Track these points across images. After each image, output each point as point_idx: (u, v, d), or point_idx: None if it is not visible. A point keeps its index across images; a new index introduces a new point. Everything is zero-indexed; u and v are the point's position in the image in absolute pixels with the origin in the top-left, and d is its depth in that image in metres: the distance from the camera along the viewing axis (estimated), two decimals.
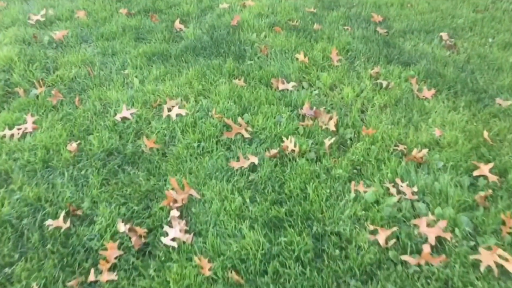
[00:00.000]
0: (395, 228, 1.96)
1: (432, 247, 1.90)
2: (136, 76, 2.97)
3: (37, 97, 2.73)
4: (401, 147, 2.45)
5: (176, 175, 2.23)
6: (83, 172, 2.21)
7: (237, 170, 2.26)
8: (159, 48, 3.26)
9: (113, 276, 1.76)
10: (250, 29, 3.59)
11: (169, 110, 2.65)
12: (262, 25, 3.64)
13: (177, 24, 3.62)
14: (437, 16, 3.85)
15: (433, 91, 2.88)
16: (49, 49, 3.26)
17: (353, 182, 2.19)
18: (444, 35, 3.55)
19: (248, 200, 2.09)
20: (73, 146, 2.33)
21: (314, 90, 2.92)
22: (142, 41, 3.40)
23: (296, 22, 3.69)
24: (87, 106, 2.68)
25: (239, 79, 2.97)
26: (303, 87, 2.96)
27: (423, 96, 2.87)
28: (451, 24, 3.74)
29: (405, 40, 3.51)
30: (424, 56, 3.29)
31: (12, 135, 2.44)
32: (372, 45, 3.40)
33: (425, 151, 2.40)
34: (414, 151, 2.40)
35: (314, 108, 2.71)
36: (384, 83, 2.95)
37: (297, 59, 3.20)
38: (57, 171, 2.22)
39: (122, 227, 1.91)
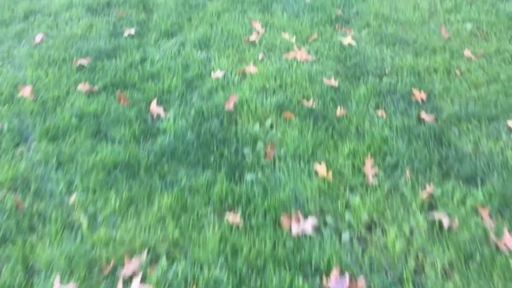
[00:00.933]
0: None
1: None
2: (85, 211, 2.05)
3: None
4: None
5: None
6: None
7: None
8: (124, 154, 2.34)
9: None
10: (251, 115, 2.67)
11: (126, 282, 1.74)
12: (267, 107, 2.72)
13: (154, 107, 2.71)
14: (498, 90, 2.92)
15: None
16: None
17: None
18: None
19: None
20: None
21: (344, 231, 2.01)
22: (103, 139, 2.48)
23: (313, 102, 2.77)
24: (2, 277, 1.77)
25: (235, 212, 2.06)
26: (325, 224, 2.04)
27: (504, 246, 1.94)
28: None
29: (461, 134, 2.58)
30: (492, 163, 2.37)
31: None
32: (418, 144, 2.48)
33: None
34: None
35: (347, 276, 1.79)
36: (445, 221, 2.03)
37: (316, 173, 2.28)
38: None
39: None
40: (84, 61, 3.06)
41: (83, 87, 2.81)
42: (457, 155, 2.42)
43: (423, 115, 2.69)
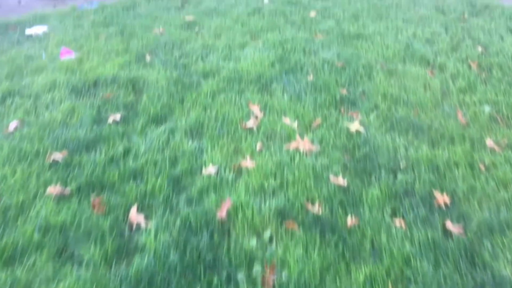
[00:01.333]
0: None
1: None
2: None
3: None
4: None
5: None
6: None
7: None
8: (90, 285, 1.92)
9: None
10: (247, 224, 2.28)
11: None
12: (265, 214, 2.33)
13: (133, 214, 2.32)
14: None
15: None
16: None
17: None
18: None
19: None
20: None
21: None
22: (69, 260, 2.07)
23: (318, 207, 2.39)
24: None
25: None
26: None
27: None
28: None
29: (495, 250, 2.17)
30: None
31: None
32: (447, 267, 2.06)
33: None
34: None
35: None
36: None
37: None
38: None
39: None
40: (59, 156, 2.70)
41: (53, 189, 2.44)
42: (494, 282, 2.01)
43: (449, 225, 2.29)
